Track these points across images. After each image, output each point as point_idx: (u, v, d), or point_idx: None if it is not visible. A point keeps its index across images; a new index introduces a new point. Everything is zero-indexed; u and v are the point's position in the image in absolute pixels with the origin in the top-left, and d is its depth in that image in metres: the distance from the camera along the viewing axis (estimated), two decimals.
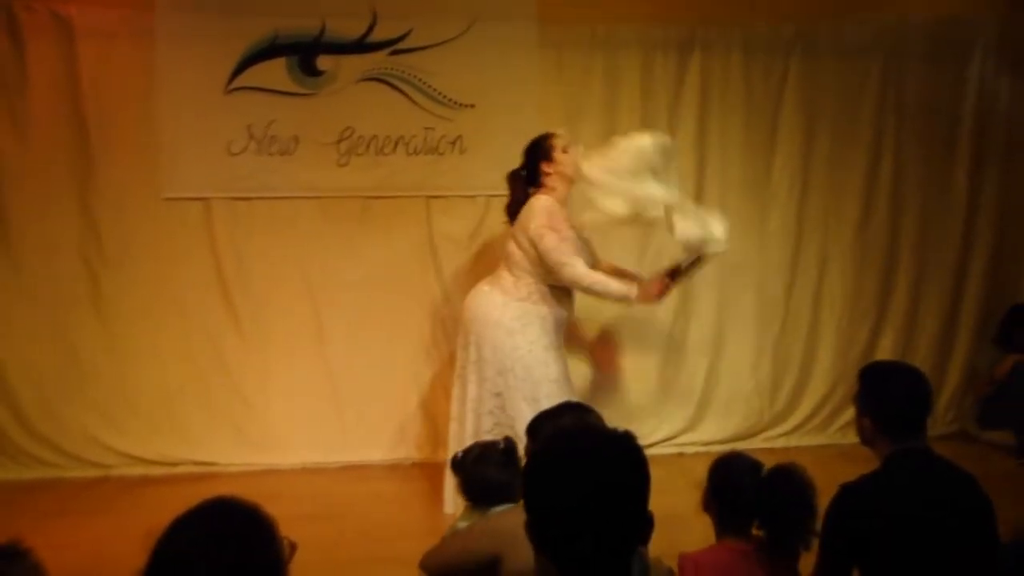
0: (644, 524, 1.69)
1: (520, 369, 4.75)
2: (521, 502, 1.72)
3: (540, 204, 4.82)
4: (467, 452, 3.24)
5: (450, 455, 4.01)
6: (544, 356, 4.81)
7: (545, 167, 4.86)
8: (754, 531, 2.80)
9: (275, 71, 5.88)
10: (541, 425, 2.92)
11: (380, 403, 6.03)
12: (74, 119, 5.74)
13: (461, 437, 4.71)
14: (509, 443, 3.12)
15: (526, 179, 4.93)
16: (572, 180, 4.87)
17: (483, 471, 3.08)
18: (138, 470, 5.85)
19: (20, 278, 5.76)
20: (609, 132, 6.13)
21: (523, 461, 3.00)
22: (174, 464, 5.88)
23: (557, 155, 4.85)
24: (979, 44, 6.45)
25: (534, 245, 4.75)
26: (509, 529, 2.50)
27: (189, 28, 5.76)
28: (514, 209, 4.96)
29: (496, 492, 3.00)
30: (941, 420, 6.44)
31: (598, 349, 6.00)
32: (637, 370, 6.25)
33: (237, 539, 1.69)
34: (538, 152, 4.90)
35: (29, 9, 5.66)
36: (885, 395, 2.84)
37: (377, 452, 6.03)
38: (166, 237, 5.86)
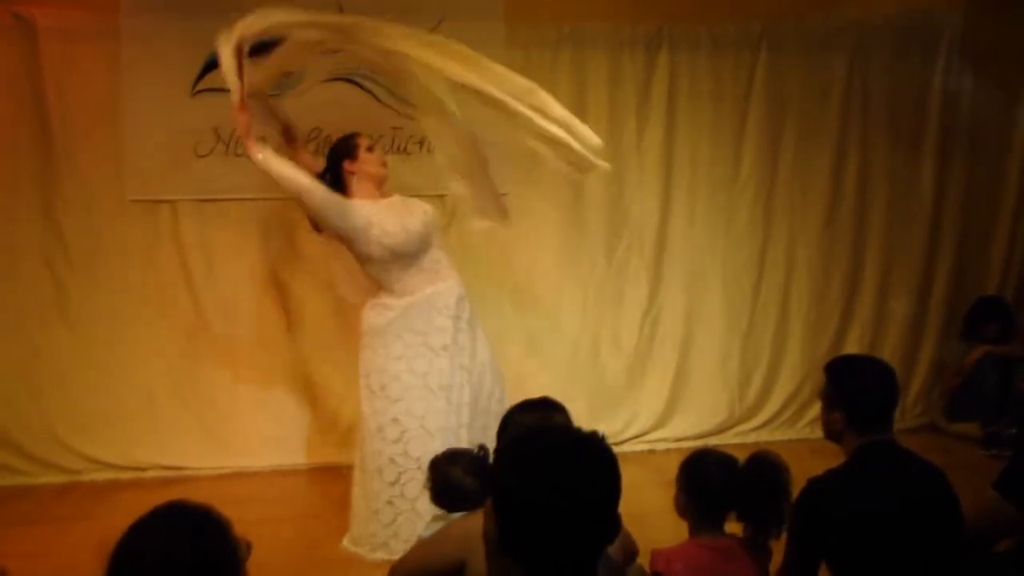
0: (611, 525, 1.69)
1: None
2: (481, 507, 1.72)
3: None
4: (440, 455, 3.24)
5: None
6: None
7: (348, 165, 4.66)
8: (727, 529, 2.82)
9: None
10: (508, 422, 2.92)
11: (351, 404, 5.99)
12: (38, 121, 5.67)
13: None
14: (482, 450, 3.11)
15: (330, 182, 4.62)
16: (379, 180, 4.69)
17: (453, 475, 3.07)
18: (108, 475, 5.79)
19: None
20: None
21: None
22: (144, 469, 5.83)
23: (361, 153, 4.67)
24: (944, 39, 6.50)
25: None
26: (472, 533, 2.50)
27: (154, 29, 5.71)
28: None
29: (463, 498, 2.99)
30: (909, 413, 6.51)
31: None
32: (607, 367, 6.28)
33: (192, 541, 1.73)
34: (340, 151, 4.72)
35: None
36: (854, 388, 2.86)
37: (348, 453, 5.99)
38: (133, 240, 5.81)
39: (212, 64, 5.78)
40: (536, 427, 2.18)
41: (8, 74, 5.65)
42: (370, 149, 4.73)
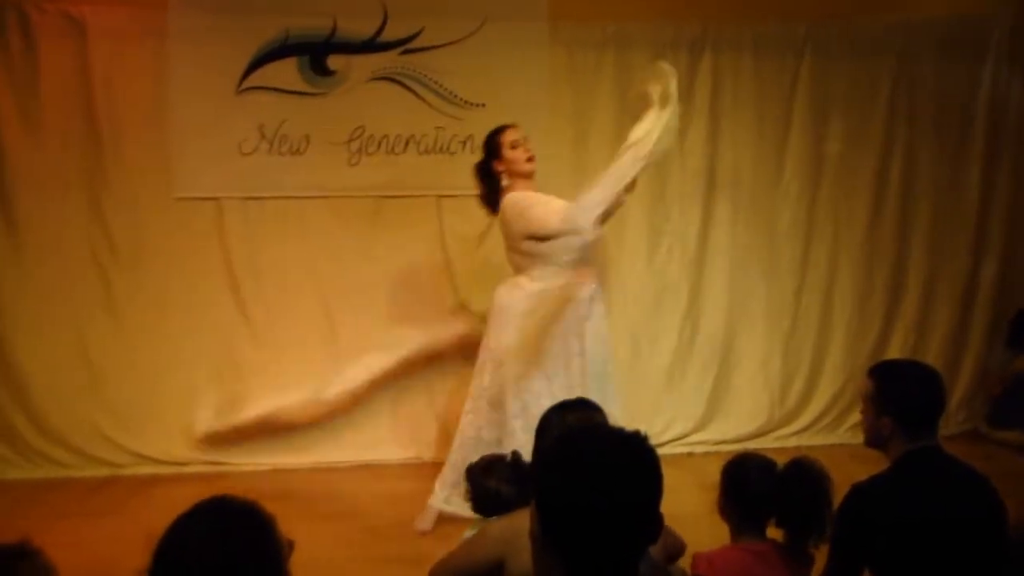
0: (653, 525, 1.68)
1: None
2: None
3: (511, 201, 4.69)
4: (476, 463, 3.24)
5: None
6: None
7: (497, 165, 4.73)
8: (769, 534, 2.80)
9: (286, 71, 5.89)
10: (549, 422, 2.92)
11: (391, 401, 6.03)
12: (86, 119, 5.75)
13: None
14: (516, 457, 3.12)
15: (488, 184, 4.79)
16: (527, 175, 4.71)
17: (489, 484, 3.08)
18: (149, 469, 5.85)
19: (32, 278, 5.77)
20: (619, 131, 6.10)
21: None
22: (185, 464, 5.89)
23: (505, 152, 4.70)
24: (991, 43, 6.44)
25: (526, 235, 4.63)
26: (511, 532, 2.50)
27: (201, 28, 5.78)
28: (490, 200, 4.83)
29: (502, 506, 2.99)
30: (952, 420, 6.42)
31: None
32: (647, 369, 6.26)
33: (236, 537, 1.71)
34: (487, 150, 4.78)
35: (41, 9, 5.68)
36: (904, 393, 2.81)
37: (388, 451, 6.03)
38: (177, 237, 5.87)
39: (257, 63, 5.86)
40: (579, 427, 2.17)
41: (57, 72, 5.73)
42: (514, 146, 4.72)
